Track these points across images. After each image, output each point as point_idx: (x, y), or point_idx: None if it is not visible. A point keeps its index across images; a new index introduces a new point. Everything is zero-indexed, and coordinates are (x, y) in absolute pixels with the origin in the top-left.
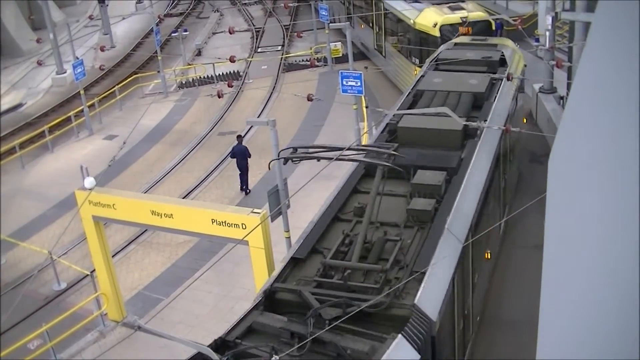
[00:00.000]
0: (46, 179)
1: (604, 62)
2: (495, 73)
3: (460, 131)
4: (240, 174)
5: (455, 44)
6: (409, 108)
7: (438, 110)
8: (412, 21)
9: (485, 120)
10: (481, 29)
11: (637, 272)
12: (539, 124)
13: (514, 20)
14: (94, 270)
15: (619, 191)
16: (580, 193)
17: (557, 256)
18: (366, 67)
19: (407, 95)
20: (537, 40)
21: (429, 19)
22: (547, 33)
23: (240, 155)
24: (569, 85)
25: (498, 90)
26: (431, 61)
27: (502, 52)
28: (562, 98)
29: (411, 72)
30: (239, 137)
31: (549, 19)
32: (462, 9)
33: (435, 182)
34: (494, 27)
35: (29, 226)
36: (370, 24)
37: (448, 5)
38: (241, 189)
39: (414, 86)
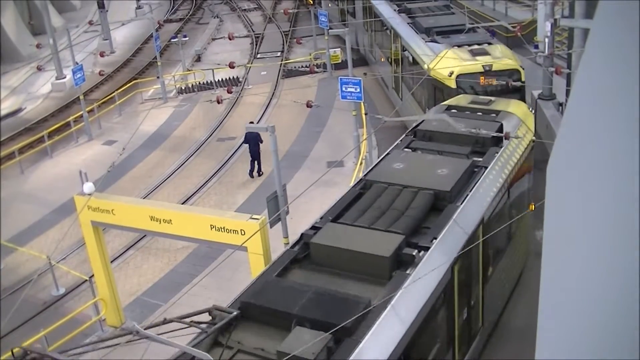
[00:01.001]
0: (45, 184)
1: (602, 69)
2: (483, 154)
3: (387, 258)
4: (251, 160)
5: (449, 106)
6: (346, 207)
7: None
8: (426, 66)
9: (434, 239)
10: (508, 79)
11: (637, 279)
12: (538, 131)
13: (513, 26)
14: (93, 275)
15: (619, 198)
16: (580, 200)
17: (555, 264)
18: (365, 74)
19: (354, 186)
20: (536, 46)
21: (445, 66)
22: (546, 40)
23: (253, 140)
24: (568, 92)
25: (475, 184)
26: (407, 133)
27: (502, 124)
28: (561, 105)
29: None
30: (252, 124)
31: (548, 26)
32: (487, 53)
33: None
34: (523, 78)
35: (27, 231)
36: (389, 60)
37: (471, 48)
38: (250, 174)
39: (369, 171)
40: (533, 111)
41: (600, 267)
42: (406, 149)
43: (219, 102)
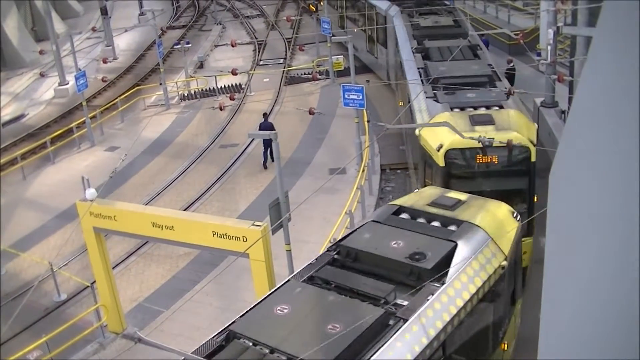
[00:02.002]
0: (47, 190)
1: (605, 77)
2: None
3: None
4: (264, 151)
5: (400, 207)
6: None
7: None
8: (417, 132)
9: None
10: (513, 159)
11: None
12: (541, 138)
13: (515, 34)
14: (95, 281)
15: (623, 206)
16: (583, 208)
17: (558, 271)
18: (368, 81)
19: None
20: (539, 54)
21: (435, 136)
22: (549, 47)
23: (267, 130)
24: (570, 100)
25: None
26: (330, 246)
27: (456, 245)
28: (563, 112)
29: None
30: (265, 115)
31: (551, 33)
32: (491, 122)
33: None
34: (534, 158)
35: (29, 237)
36: (404, 106)
37: (474, 113)
38: (264, 165)
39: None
40: (519, 218)
41: (603, 274)
42: (304, 283)
43: (221, 109)
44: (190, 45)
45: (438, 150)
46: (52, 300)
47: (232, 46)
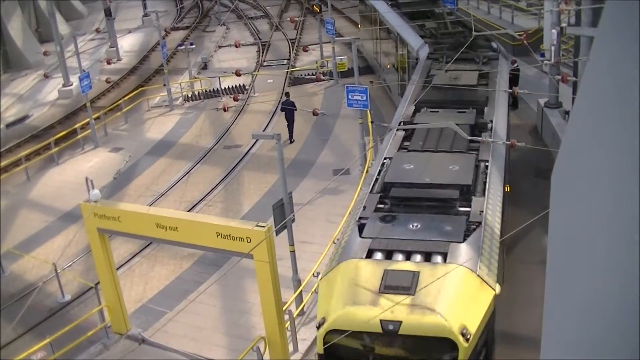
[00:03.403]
0: (51, 191)
1: (607, 77)
2: None
3: None
4: (287, 125)
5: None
6: None
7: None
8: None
9: None
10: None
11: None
12: (544, 139)
13: (519, 35)
14: (99, 282)
15: (624, 206)
16: (584, 208)
17: (560, 271)
18: (371, 82)
19: None
20: (543, 55)
21: (329, 295)
22: (553, 48)
23: (289, 107)
24: (574, 100)
25: None
26: None
27: None
28: (567, 113)
29: None
30: (287, 94)
31: (555, 34)
32: (408, 291)
33: None
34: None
35: (34, 238)
36: None
37: (394, 268)
38: (290, 139)
39: None
40: None
41: (605, 274)
42: None
43: (225, 110)
44: (194, 46)
45: (318, 328)
46: (56, 301)
47: (236, 47)
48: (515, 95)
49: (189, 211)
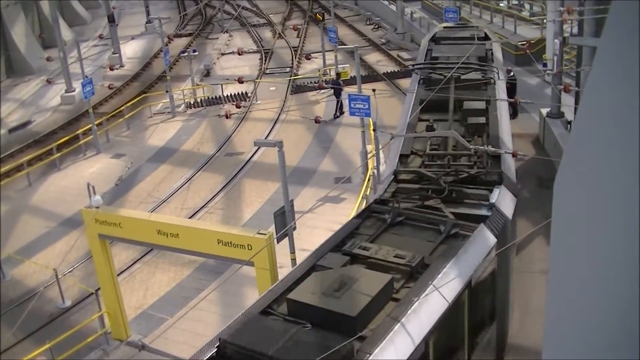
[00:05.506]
0: (53, 197)
1: (609, 87)
2: None
3: None
4: (337, 101)
5: None
6: None
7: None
8: None
9: None
10: None
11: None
12: (546, 149)
13: (522, 44)
14: (99, 288)
15: (626, 215)
16: (586, 216)
17: (562, 278)
18: (374, 90)
19: None
20: (545, 64)
21: None
22: (555, 58)
23: (337, 86)
24: (576, 110)
25: None
26: None
27: None
28: (569, 123)
29: None
30: (338, 75)
31: (557, 44)
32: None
33: None
34: None
35: (35, 243)
36: None
37: None
38: (334, 115)
39: None
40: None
41: (606, 280)
42: None
43: (227, 117)
44: (196, 53)
45: None
46: (56, 306)
47: (239, 54)
48: (517, 104)
49: (190, 218)
